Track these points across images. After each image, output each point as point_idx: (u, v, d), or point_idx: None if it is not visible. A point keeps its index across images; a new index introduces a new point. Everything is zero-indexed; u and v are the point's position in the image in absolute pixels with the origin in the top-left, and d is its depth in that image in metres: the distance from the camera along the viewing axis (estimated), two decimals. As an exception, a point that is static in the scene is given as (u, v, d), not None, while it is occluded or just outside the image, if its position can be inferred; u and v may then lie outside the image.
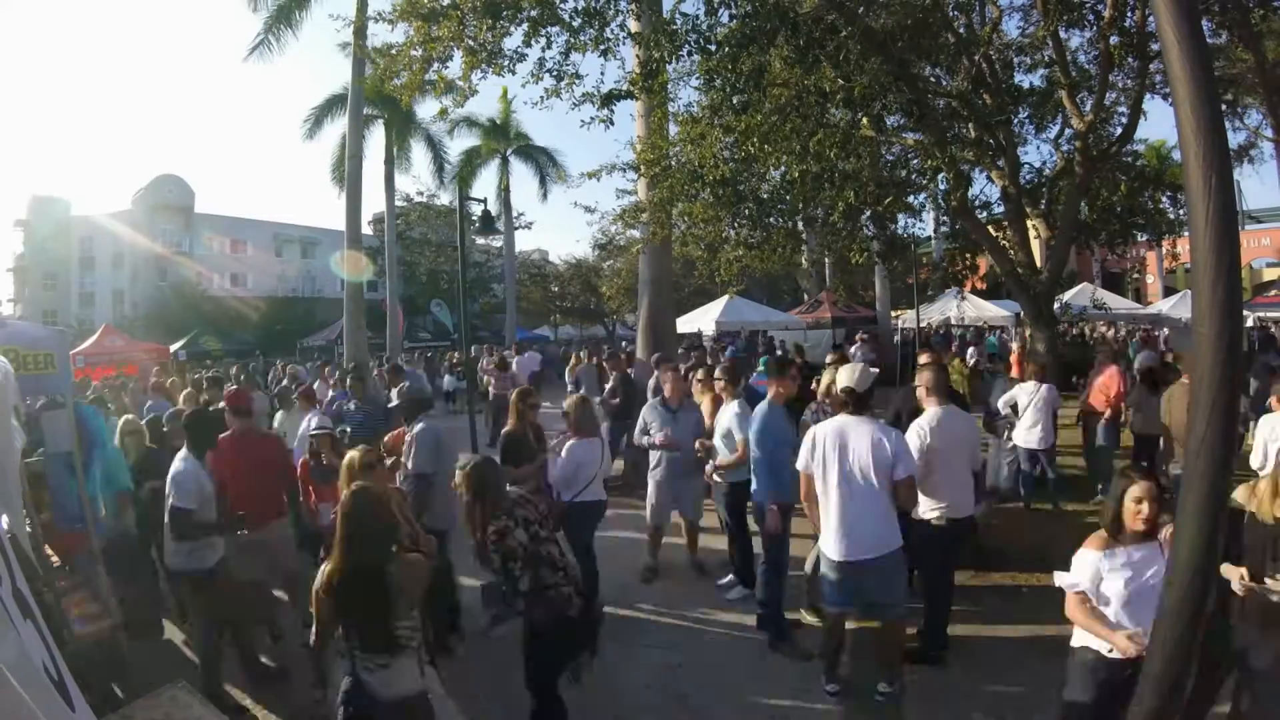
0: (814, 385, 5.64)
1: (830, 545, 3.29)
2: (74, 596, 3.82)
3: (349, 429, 5.93)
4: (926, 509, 3.67)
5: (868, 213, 8.00)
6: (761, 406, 4.11)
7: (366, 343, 14.90)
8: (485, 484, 2.90)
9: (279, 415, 7.07)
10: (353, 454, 3.40)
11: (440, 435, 4.50)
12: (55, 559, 4.20)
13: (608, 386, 7.79)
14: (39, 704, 1.01)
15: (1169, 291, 26.10)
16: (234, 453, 4.07)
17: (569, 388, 8.66)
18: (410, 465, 4.28)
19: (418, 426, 4.46)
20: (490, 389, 10.60)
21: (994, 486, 6.06)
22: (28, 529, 3.47)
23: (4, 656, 1.00)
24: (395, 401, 5.19)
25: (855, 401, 3.34)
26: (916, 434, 3.68)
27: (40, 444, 4.46)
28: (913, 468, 3.30)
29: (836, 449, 3.27)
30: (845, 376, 3.41)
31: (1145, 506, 2.36)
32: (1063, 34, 6.92)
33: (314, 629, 2.40)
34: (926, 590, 3.88)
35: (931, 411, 3.78)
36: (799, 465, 3.43)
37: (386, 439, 5.01)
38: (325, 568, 2.36)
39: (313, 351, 24.24)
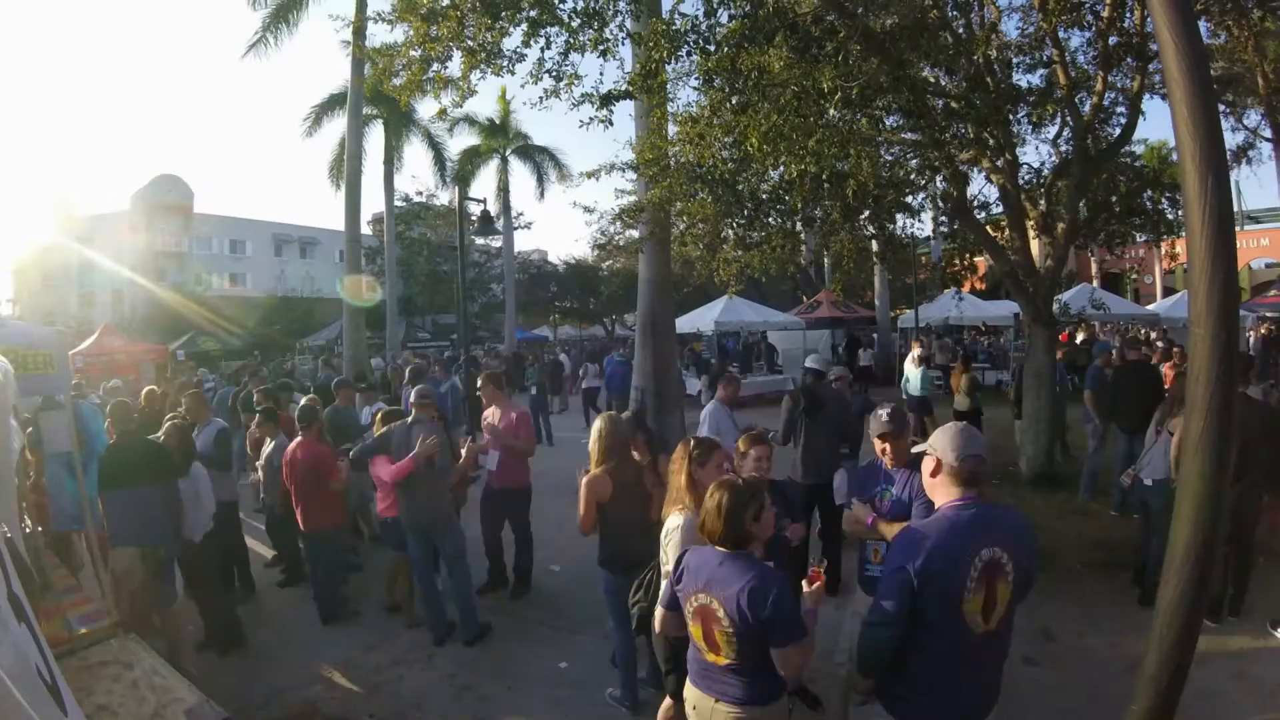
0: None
1: None
2: (74, 596, 3.82)
3: None
4: None
5: (866, 213, 7.99)
6: None
7: (366, 343, 14.91)
8: None
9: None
10: None
11: None
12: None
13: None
14: (33, 707, 1.01)
15: (1168, 292, 26.12)
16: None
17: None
18: None
19: None
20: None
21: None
22: (25, 531, 3.47)
23: (0, 660, 1.00)
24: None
25: None
26: None
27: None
28: None
29: None
30: None
31: None
32: (1061, 34, 6.92)
33: None
34: None
35: None
36: None
37: None
38: None
39: (312, 352, 24.22)
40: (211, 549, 4.63)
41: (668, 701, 2.93)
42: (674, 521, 2.78)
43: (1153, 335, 17.45)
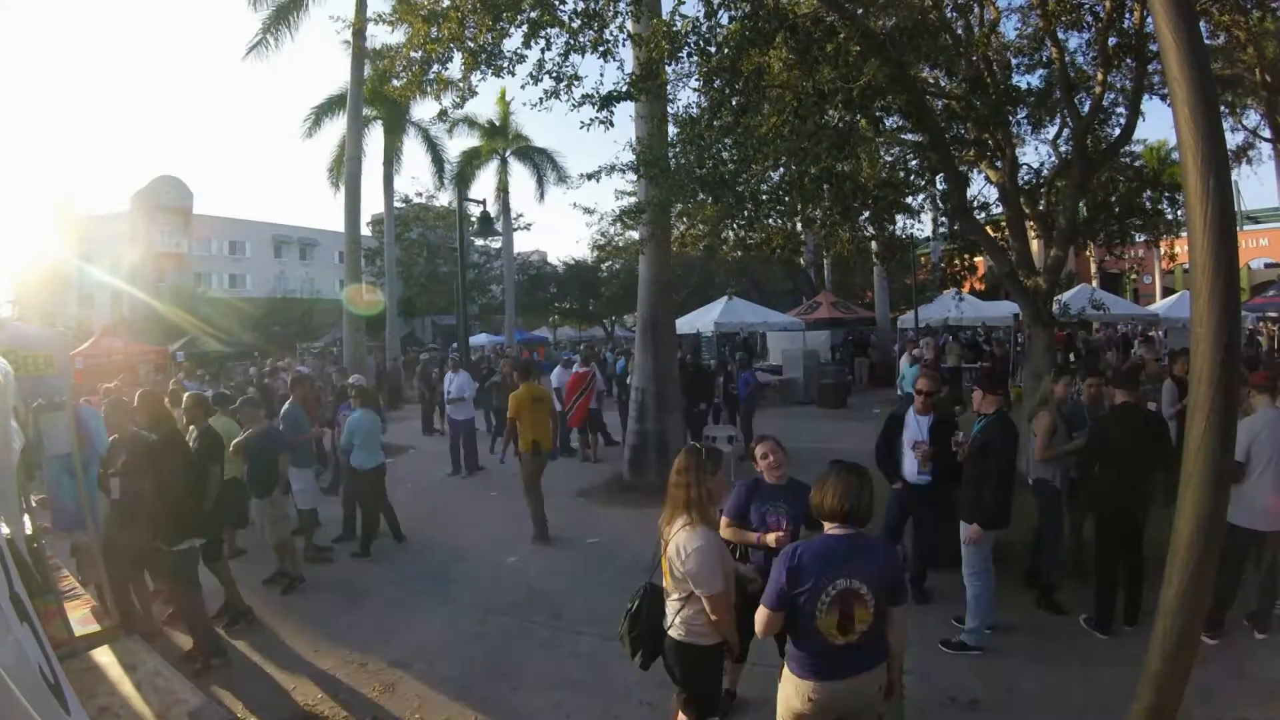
0: None
1: None
2: (75, 598, 3.82)
3: None
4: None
5: (866, 214, 8.00)
6: None
7: (365, 345, 14.91)
8: None
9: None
10: None
11: None
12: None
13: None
14: (36, 707, 1.01)
15: (1168, 292, 26.12)
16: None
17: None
18: None
19: None
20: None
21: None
22: (27, 530, 3.47)
23: (2, 660, 1.00)
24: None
25: None
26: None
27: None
28: None
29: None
30: None
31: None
32: (1061, 34, 6.93)
33: None
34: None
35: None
36: None
37: None
38: None
39: (311, 352, 24.22)
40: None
41: None
42: (689, 540, 2.54)
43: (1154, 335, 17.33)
